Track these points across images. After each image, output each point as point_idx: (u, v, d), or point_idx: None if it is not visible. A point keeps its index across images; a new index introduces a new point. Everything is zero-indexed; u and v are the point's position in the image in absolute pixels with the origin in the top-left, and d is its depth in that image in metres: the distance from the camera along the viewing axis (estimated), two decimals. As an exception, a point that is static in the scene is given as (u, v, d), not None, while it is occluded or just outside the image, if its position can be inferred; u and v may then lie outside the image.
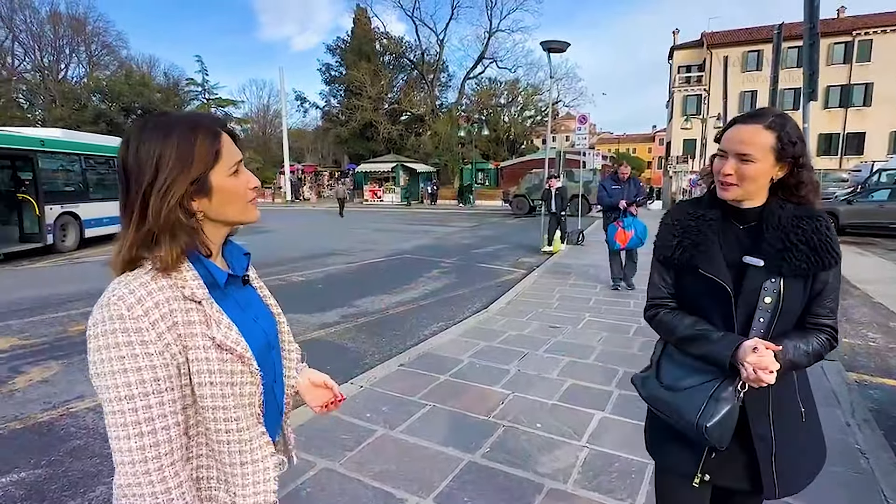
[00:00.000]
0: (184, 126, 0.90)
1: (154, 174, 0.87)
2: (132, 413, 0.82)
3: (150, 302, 0.84)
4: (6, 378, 4.18)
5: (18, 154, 10.62)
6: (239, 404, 0.93)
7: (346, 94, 40.57)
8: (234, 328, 0.93)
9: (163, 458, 0.85)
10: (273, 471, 0.99)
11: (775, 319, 1.25)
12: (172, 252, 0.88)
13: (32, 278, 8.65)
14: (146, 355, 0.83)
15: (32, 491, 2.71)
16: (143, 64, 45.08)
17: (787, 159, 1.24)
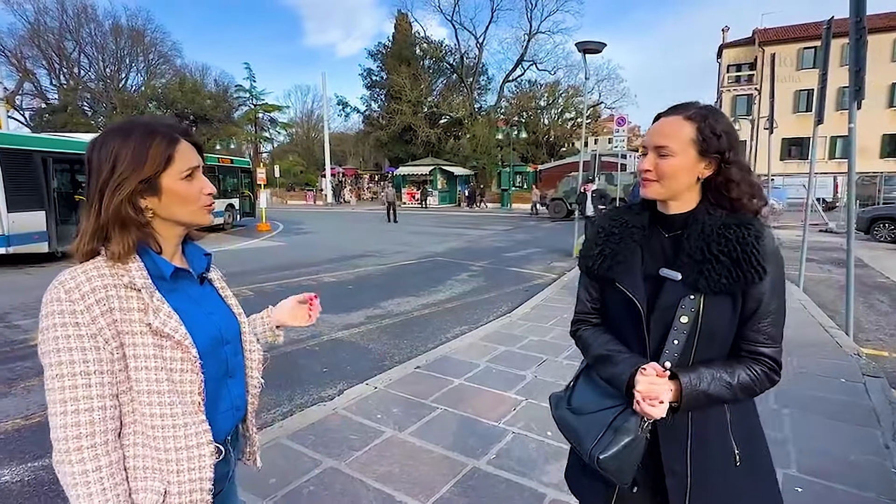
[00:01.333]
0: (142, 130, 0.98)
1: (110, 171, 0.95)
2: (61, 391, 0.89)
3: (87, 287, 0.91)
4: (50, 368, 4.45)
5: (78, 158, 11.33)
6: (174, 390, 0.96)
7: (387, 99, 41.15)
8: (175, 317, 0.97)
9: (83, 440, 0.89)
10: (209, 458, 1.00)
11: (694, 343, 1.09)
12: (121, 244, 0.95)
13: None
14: (78, 337, 0.89)
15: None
16: (196, 72, 47.28)
17: (711, 154, 1.11)
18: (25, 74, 39.27)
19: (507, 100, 41.30)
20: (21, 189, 9.63)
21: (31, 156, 10.01)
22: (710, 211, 1.13)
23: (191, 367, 0.97)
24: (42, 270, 9.52)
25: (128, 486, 0.96)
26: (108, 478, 0.91)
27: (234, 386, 1.13)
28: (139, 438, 0.97)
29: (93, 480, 0.90)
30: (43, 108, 40.81)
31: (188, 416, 0.98)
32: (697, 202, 1.16)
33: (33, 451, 3.11)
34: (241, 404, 1.16)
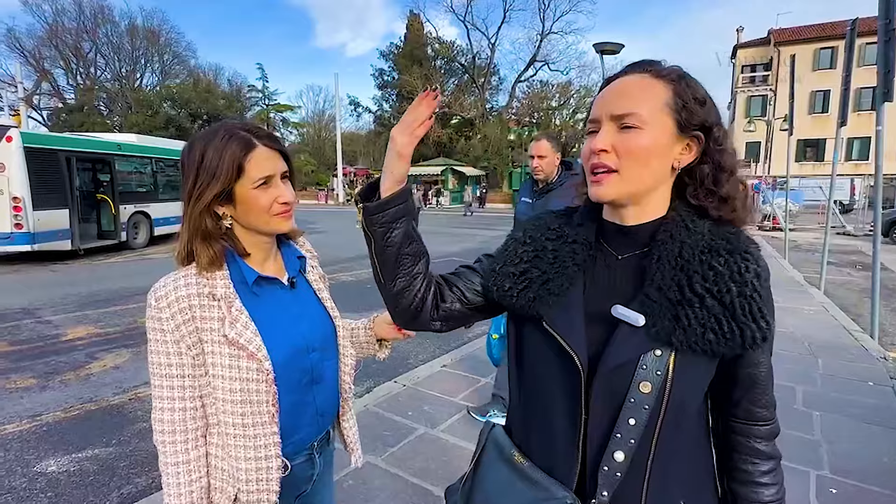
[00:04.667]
0: (221, 137, 0.98)
1: (194, 181, 0.99)
2: (159, 389, 0.97)
3: (174, 296, 0.95)
4: (84, 363, 4.57)
5: (99, 157, 11.53)
6: (247, 400, 0.98)
7: (398, 99, 41.32)
8: (252, 328, 0.98)
9: (166, 435, 0.97)
10: (276, 472, 1.01)
11: (658, 424, 0.74)
12: (205, 254, 0.98)
13: (108, 272, 9.35)
14: (163, 342, 0.96)
15: (104, 467, 2.96)
16: (209, 72, 47.74)
17: (692, 129, 0.77)
18: (43, 74, 39.90)
19: (519, 100, 41.26)
20: (46, 187, 9.81)
21: (56, 155, 10.19)
22: (687, 223, 0.78)
23: (265, 378, 0.98)
24: (66, 267, 9.70)
25: (207, 482, 1.02)
26: (186, 473, 0.98)
27: (320, 392, 1.12)
28: (220, 440, 1.02)
29: (172, 473, 0.98)
30: (60, 108, 41.40)
31: (259, 426, 0.99)
32: (668, 207, 0.81)
33: (76, 443, 3.20)
34: (328, 410, 1.16)
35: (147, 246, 12.52)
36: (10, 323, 5.81)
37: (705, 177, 0.79)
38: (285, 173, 1.05)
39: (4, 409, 3.64)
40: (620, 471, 0.74)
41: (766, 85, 35.78)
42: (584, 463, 0.77)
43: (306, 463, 1.12)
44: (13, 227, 9.33)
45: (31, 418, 3.52)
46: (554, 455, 0.81)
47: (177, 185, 13.94)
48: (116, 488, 2.76)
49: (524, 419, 0.87)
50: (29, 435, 3.30)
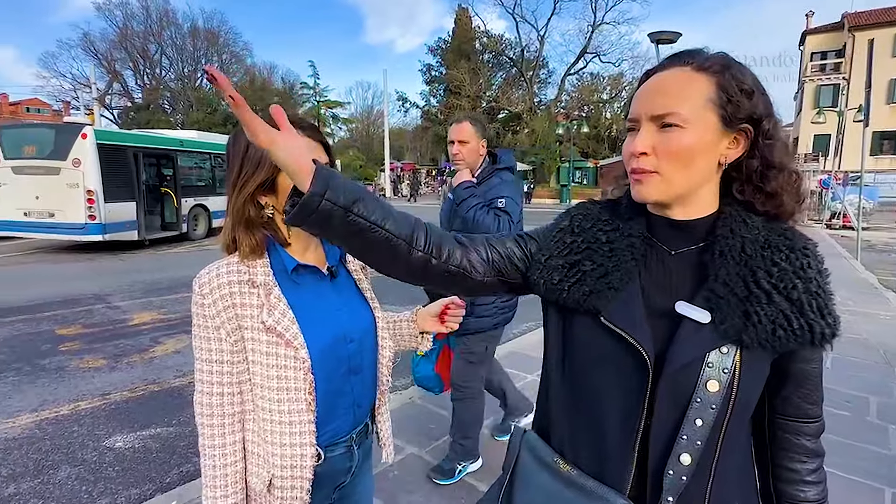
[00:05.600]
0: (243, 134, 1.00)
1: (238, 170, 1.00)
2: (199, 373, 1.00)
3: (216, 283, 0.98)
4: (148, 347, 4.85)
5: (163, 153, 12.19)
6: (284, 388, 0.99)
7: (446, 94, 41.36)
8: (289, 316, 0.99)
9: (205, 418, 1.00)
10: (310, 459, 1.02)
11: (724, 424, 0.72)
12: (247, 242, 0.99)
13: (170, 262, 9.89)
14: (205, 328, 0.98)
15: (165, 445, 3.13)
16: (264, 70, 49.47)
17: (739, 123, 0.73)
18: (114, 76, 42.56)
19: (568, 93, 40.43)
20: (116, 181, 10.46)
21: (125, 151, 10.85)
22: (744, 217, 0.76)
23: (301, 366, 0.98)
24: (132, 257, 10.33)
25: (244, 466, 1.04)
26: (221, 456, 1.01)
27: (357, 383, 1.12)
28: (256, 426, 1.03)
29: (209, 455, 1.01)
30: (129, 107, 44.05)
31: (295, 414, 1.00)
32: (719, 203, 0.79)
33: (140, 422, 3.40)
34: (365, 401, 1.15)
35: (206, 237, 13.14)
36: (84, 307, 6.25)
37: (752, 172, 0.75)
38: (326, 164, 1.06)
39: (78, 388, 3.91)
40: (686, 474, 0.71)
41: (837, 73, 33.36)
42: (640, 468, 0.74)
43: (345, 454, 1.12)
44: (87, 218, 10.01)
45: (101, 396, 3.77)
46: (605, 460, 0.77)
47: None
48: (176, 466, 2.91)
49: (566, 422, 0.83)
50: (99, 412, 3.53)
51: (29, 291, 7.07)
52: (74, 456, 2.99)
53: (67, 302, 6.49)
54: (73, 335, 5.18)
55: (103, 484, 2.73)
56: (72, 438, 3.18)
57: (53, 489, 2.68)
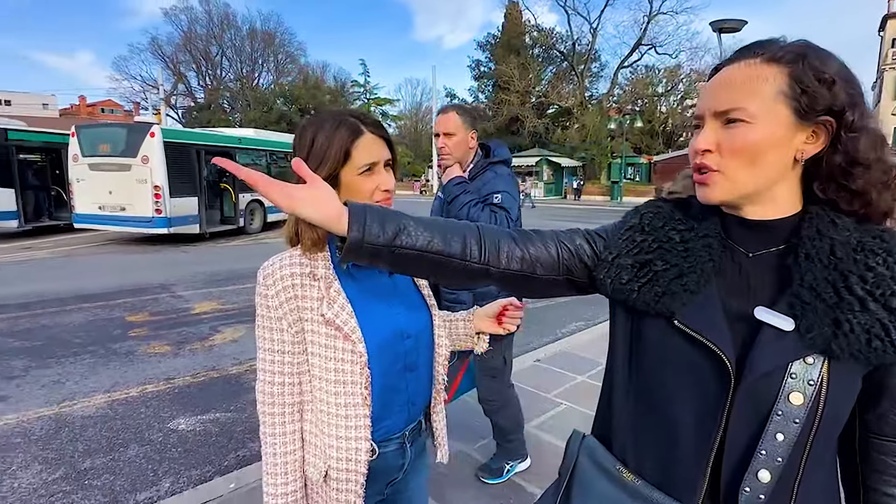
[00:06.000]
0: (331, 123, 1.01)
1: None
2: (262, 362, 1.02)
3: (279, 274, 0.99)
4: (208, 335, 5.09)
5: (223, 150, 12.76)
6: (341, 381, 1.00)
7: (494, 89, 41.11)
8: (348, 309, 0.99)
9: (266, 406, 1.02)
10: (364, 454, 1.02)
11: (809, 440, 0.66)
12: (309, 235, 1.00)
13: (228, 254, 10.35)
14: (268, 318, 1.00)
15: (224, 430, 3.27)
16: (317, 69, 50.83)
17: (817, 115, 0.66)
18: (179, 77, 44.98)
19: (621, 87, 39.21)
20: (180, 177, 11.05)
21: (189, 148, 11.44)
22: (833, 218, 0.69)
23: (358, 360, 0.99)
24: (194, 248, 10.88)
25: (301, 456, 1.05)
26: (281, 444, 1.03)
27: (413, 380, 1.11)
28: (314, 417, 1.05)
29: (269, 443, 1.03)
30: (192, 106, 46.45)
31: (351, 407, 1.00)
32: (801, 200, 0.73)
33: (201, 406, 3.57)
34: (419, 399, 1.15)
35: (261, 231, 13.68)
36: (150, 296, 6.64)
37: (834, 169, 0.68)
38: (388, 161, 1.06)
39: (146, 372, 4.16)
40: (765, 493, 0.67)
41: (923, 60, 30.67)
42: (712, 482, 0.70)
43: (398, 451, 1.12)
44: (154, 212, 10.63)
45: (166, 381, 3.99)
46: (673, 471, 0.73)
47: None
48: (234, 450, 3.04)
49: (631, 429, 0.79)
50: (164, 395, 3.74)
51: (103, 280, 7.59)
52: (142, 436, 3.18)
53: (136, 290, 6.92)
54: (141, 322, 5.51)
55: (167, 464, 2.89)
56: (140, 419, 3.38)
57: (123, 466, 2.86)
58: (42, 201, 13.09)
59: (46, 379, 4.00)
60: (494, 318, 1.26)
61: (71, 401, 3.63)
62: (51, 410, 3.49)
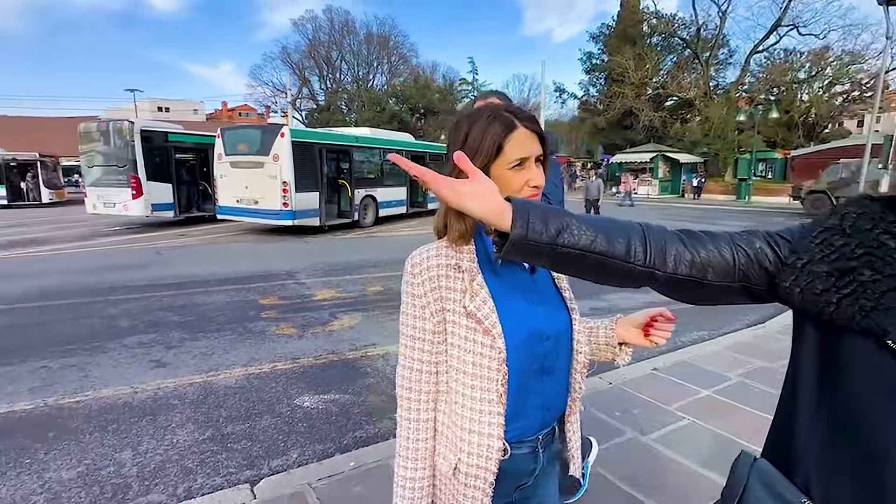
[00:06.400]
0: (485, 117, 1.00)
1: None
2: (403, 348, 1.04)
3: (426, 264, 1.01)
4: (328, 321, 5.46)
5: (341, 149, 13.65)
6: (478, 375, 0.99)
7: (607, 82, 39.28)
8: (490, 304, 0.98)
9: (403, 391, 1.05)
10: (496, 452, 1.00)
11: None
12: (457, 228, 1.01)
13: (344, 246, 11.05)
14: (412, 306, 1.02)
15: (342, 410, 3.48)
16: (427, 68, 52.27)
17: None
18: (304, 82, 48.89)
19: (754, 74, 35.34)
20: (305, 174, 12.02)
21: (312, 147, 12.39)
22: None
23: (497, 356, 0.97)
24: (314, 240, 11.76)
25: (433, 445, 1.06)
26: (415, 431, 1.04)
27: (549, 384, 1.08)
28: (447, 408, 1.05)
29: (404, 427, 1.05)
30: (314, 109, 50.18)
31: (486, 403, 0.99)
32: None
33: (323, 386, 3.84)
34: (554, 404, 1.11)
35: (373, 225, 14.41)
36: (278, 282, 7.30)
37: None
38: (539, 157, 1.03)
39: (276, 351, 4.57)
40: None
41: None
42: None
43: (529, 455, 1.09)
44: (282, 205, 11.68)
45: (292, 360, 4.35)
46: None
47: (399, 173, 15.71)
48: (351, 430, 3.23)
49: (820, 462, 0.69)
50: (291, 373, 4.08)
51: (240, 265, 8.50)
52: (273, 409, 3.50)
53: (266, 276, 7.64)
54: (271, 305, 6.07)
55: (294, 437, 3.15)
56: (271, 393, 3.73)
57: (258, 434, 3.17)
58: (192, 195, 14.99)
59: (197, 350, 4.57)
60: (641, 329, 1.18)
61: (216, 371, 4.11)
62: (200, 378, 3.97)
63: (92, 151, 13.59)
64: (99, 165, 13.50)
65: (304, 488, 2.49)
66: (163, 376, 4.01)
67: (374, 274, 7.81)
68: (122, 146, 12.97)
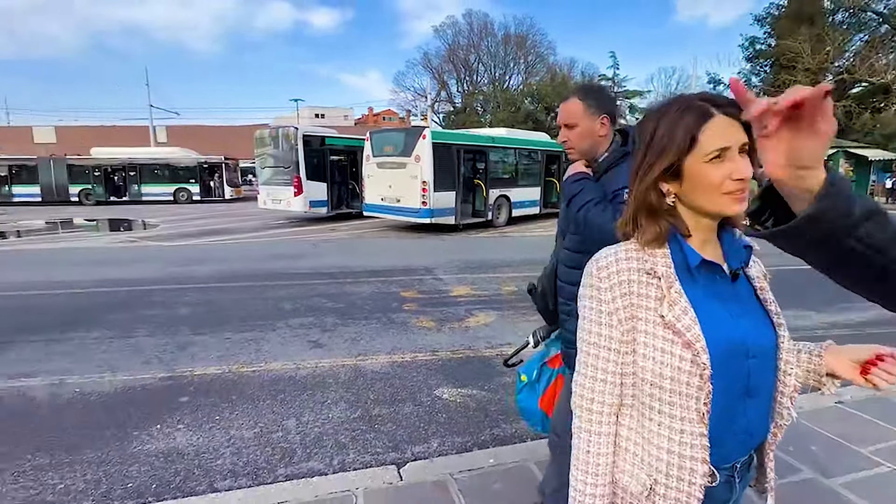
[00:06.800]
0: (676, 108, 0.91)
1: (642, 156, 0.95)
2: (584, 355, 0.99)
3: (614, 268, 0.95)
4: (464, 317, 5.59)
5: (478, 149, 13.91)
6: (677, 391, 0.90)
7: (773, 70, 34.67)
8: (691, 314, 0.89)
9: (584, 401, 0.99)
10: (700, 478, 0.90)
11: None
12: (647, 231, 0.94)
13: (478, 245, 11.24)
14: (597, 311, 0.96)
15: (479, 406, 3.53)
16: (564, 66, 50.93)
17: None
18: (442, 85, 50.78)
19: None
20: (443, 174, 12.49)
21: (451, 148, 12.81)
22: None
23: (699, 372, 0.88)
24: (449, 237, 12.16)
25: (612, 460, 0.99)
26: (596, 444, 0.98)
27: (752, 407, 0.97)
28: (633, 423, 0.97)
29: (583, 439, 0.99)
30: (450, 111, 51.90)
31: (686, 422, 0.90)
32: None
33: (460, 380, 3.93)
34: (757, 430, 0.99)
35: (506, 225, 14.46)
36: (417, 277, 7.67)
37: None
38: (745, 146, 0.91)
39: (417, 342, 4.81)
40: None
41: None
42: None
43: (725, 485, 0.98)
44: (421, 204, 12.28)
45: (431, 352, 4.53)
46: None
47: (533, 173, 15.60)
48: (489, 427, 3.25)
49: None
50: (431, 365, 4.25)
51: (382, 259, 9.12)
52: (414, 397, 3.67)
53: (407, 270, 8.08)
54: (411, 298, 6.40)
55: (435, 426, 3.27)
56: (412, 382, 3.92)
57: (401, 419, 3.35)
58: (343, 193, 16.46)
59: (347, 335, 4.99)
60: (859, 365, 1.00)
61: (364, 356, 4.44)
62: (351, 361, 4.33)
63: (264, 154, 15.64)
64: (269, 167, 15.49)
65: (445, 478, 2.57)
66: (319, 356, 4.44)
67: (509, 273, 7.83)
68: (288, 150, 14.71)
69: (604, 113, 1.80)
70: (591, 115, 1.80)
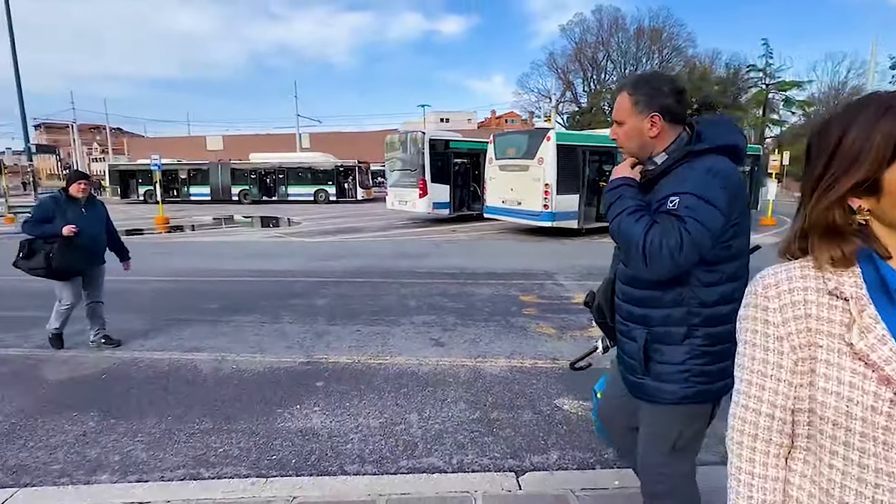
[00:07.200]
0: (873, 109, 0.76)
1: (824, 167, 0.81)
2: (745, 384, 0.88)
3: (785, 287, 0.82)
4: (586, 325, 5.36)
5: (604, 150, 13.30)
6: (868, 435, 0.74)
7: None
8: (890, 344, 0.73)
9: (744, 437, 0.88)
10: None
11: None
12: (830, 252, 0.80)
13: (602, 250, 10.73)
14: (764, 335, 0.84)
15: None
16: (706, 59, 46.62)
17: None
18: (568, 85, 49.48)
19: None
20: (566, 176, 12.16)
21: (576, 150, 12.43)
22: None
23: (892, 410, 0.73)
24: (572, 242, 11.80)
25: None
26: (760, 489, 0.85)
27: None
28: (808, 470, 0.83)
29: (743, 481, 0.87)
30: (575, 111, 50.37)
31: (883, 475, 0.74)
32: None
33: (582, 392, 3.76)
34: None
35: (632, 231, 13.64)
36: (537, 281, 7.54)
37: None
38: None
39: (536, 348, 4.72)
40: None
41: None
42: None
43: None
44: (542, 207, 12.08)
45: (551, 360, 4.41)
46: None
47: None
48: (613, 446, 3.07)
49: None
50: (551, 373, 4.14)
51: (502, 262, 9.13)
52: (534, 405, 3.60)
53: (526, 274, 7.99)
54: (531, 303, 6.30)
55: (554, 437, 3.17)
56: (532, 389, 3.85)
57: (520, 426, 3.30)
58: (464, 195, 16.82)
59: (467, 336, 5.06)
60: None
61: (483, 358, 4.47)
62: (470, 362, 4.38)
63: (393, 158, 16.58)
64: (397, 169, 16.39)
65: (566, 493, 2.48)
66: (440, 354, 4.56)
67: (635, 283, 7.37)
68: (415, 153, 15.42)
69: (654, 111, 1.59)
70: (637, 114, 1.62)
